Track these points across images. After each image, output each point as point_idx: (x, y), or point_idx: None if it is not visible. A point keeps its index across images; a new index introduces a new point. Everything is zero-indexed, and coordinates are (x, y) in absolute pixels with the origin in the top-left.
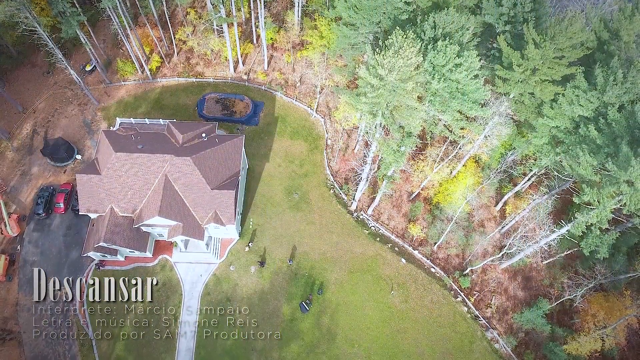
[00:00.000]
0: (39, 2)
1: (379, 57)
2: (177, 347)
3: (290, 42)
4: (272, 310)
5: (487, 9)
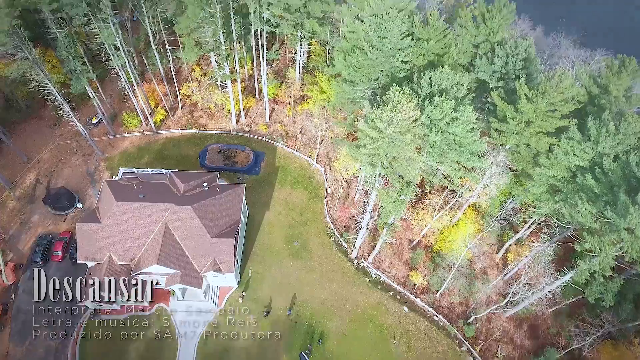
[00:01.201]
0: (51, 60)
1: (377, 111)
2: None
3: (292, 97)
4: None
5: (480, 67)
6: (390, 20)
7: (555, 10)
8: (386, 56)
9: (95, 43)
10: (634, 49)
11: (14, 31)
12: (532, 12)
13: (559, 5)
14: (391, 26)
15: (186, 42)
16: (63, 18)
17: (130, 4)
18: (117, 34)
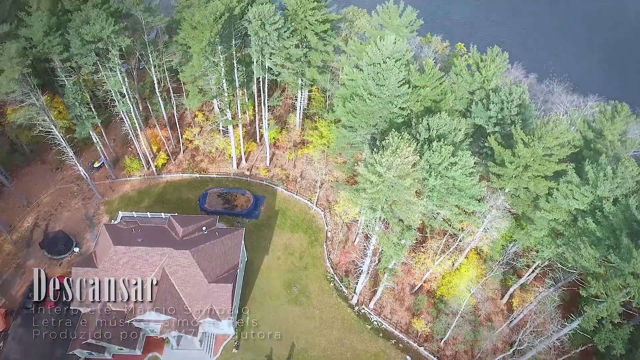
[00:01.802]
0: (57, 106)
1: (377, 156)
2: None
3: (292, 141)
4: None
5: (476, 113)
6: (388, 69)
7: (546, 58)
8: (384, 103)
9: (102, 90)
10: (625, 93)
11: (23, 79)
12: (525, 59)
13: (549, 55)
14: (389, 74)
15: (190, 89)
16: (72, 67)
17: (137, 54)
18: (123, 81)
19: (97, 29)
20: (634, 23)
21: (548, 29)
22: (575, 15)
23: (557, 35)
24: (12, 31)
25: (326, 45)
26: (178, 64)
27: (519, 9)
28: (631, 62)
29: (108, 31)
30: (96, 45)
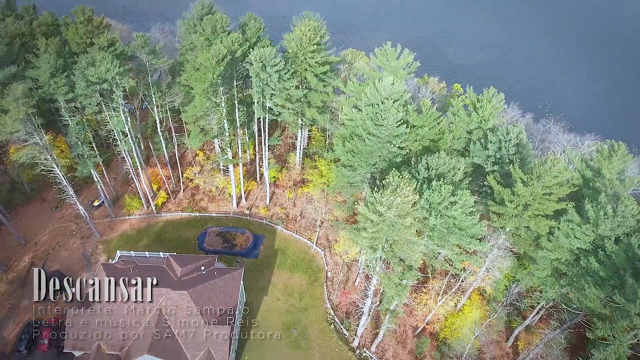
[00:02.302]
0: (60, 145)
1: (377, 195)
2: None
3: (292, 180)
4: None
5: (474, 152)
6: (386, 110)
7: (541, 98)
8: (383, 142)
9: (104, 129)
10: (621, 132)
11: (28, 119)
12: (521, 99)
13: (544, 95)
14: (387, 115)
15: (192, 129)
16: (76, 107)
17: (140, 94)
18: (126, 121)
19: (102, 70)
20: (627, 62)
21: (542, 71)
22: (568, 56)
23: (551, 77)
24: (19, 72)
25: (326, 87)
26: (180, 104)
27: (513, 52)
28: (626, 101)
29: (113, 73)
30: (101, 86)
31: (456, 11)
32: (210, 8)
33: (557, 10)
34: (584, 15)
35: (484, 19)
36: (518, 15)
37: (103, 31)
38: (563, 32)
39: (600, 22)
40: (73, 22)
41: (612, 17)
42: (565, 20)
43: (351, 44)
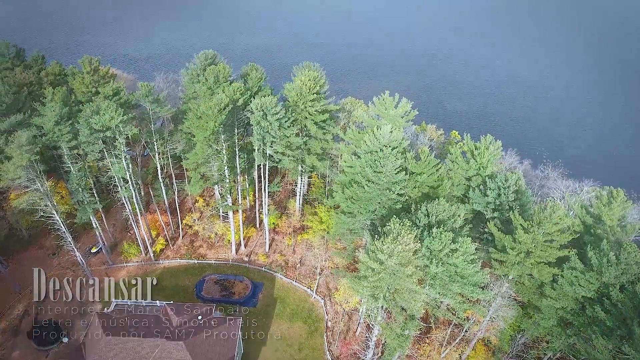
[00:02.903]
0: (61, 191)
1: (378, 243)
2: None
3: (292, 227)
4: None
5: (474, 199)
6: (385, 157)
7: (538, 144)
8: (382, 189)
9: (105, 176)
10: (620, 178)
11: (30, 165)
12: (518, 146)
13: (541, 142)
14: (386, 162)
15: (192, 175)
16: (79, 154)
17: (143, 141)
18: (127, 168)
19: (106, 118)
20: (619, 109)
21: (538, 118)
22: (562, 103)
23: (547, 123)
24: (24, 120)
25: (325, 134)
26: (182, 152)
27: (508, 100)
28: (622, 148)
29: (117, 121)
30: (104, 134)
31: (451, 62)
32: (214, 59)
33: (554, 53)
34: (580, 61)
35: (477, 68)
36: (512, 61)
37: (109, 81)
38: (558, 78)
39: (594, 66)
40: (80, 72)
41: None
42: (559, 64)
43: (350, 92)
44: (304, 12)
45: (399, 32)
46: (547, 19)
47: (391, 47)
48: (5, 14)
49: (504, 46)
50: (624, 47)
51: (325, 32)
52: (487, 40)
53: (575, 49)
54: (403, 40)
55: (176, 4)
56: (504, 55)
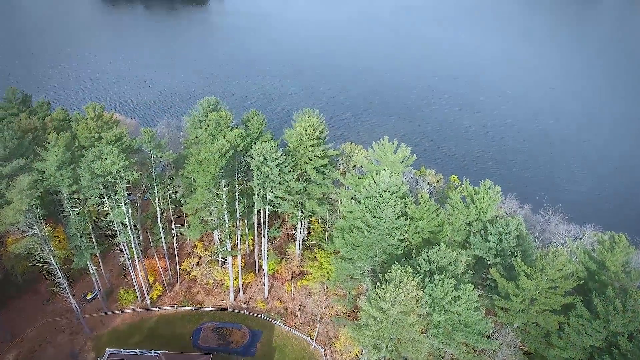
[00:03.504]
0: (59, 236)
1: (380, 290)
2: None
3: (291, 272)
4: None
5: (475, 244)
6: (385, 202)
7: (537, 189)
8: (382, 235)
9: (104, 221)
10: (622, 222)
11: (30, 210)
12: (518, 190)
13: (540, 186)
14: (386, 207)
15: (192, 220)
16: (79, 198)
17: (143, 186)
18: (127, 212)
19: (108, 163)
20: (616, 157)
21: (536, 162)
22: (560, 147)
23: (546, 167)
24: (26, 165)
25: (325, 179)
26: (182, 196)
27: (506, 144)
28: (622, 191)
29: (118, 166)
30: (105, 179)
31: (449, 107)
32: (216, 105)
33: (551, 96)
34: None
35: (474, 112)
36: (508, 105)
37: (112, 126)
38: (555, 121)
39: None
40: (84, 118)
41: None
42: (556, 108)
43: (350, 137)
44: (304, 59)
45: (396, 77)
46: (541, 67)
47: (390, 92)
48: (14, 63)
49: (498, 91)
50: (624, 89)
51: (325, 77)
52: (482, 85)
53: (574, 90)
54: (401, 86)
55: (181, 52)
56: (499, 99)
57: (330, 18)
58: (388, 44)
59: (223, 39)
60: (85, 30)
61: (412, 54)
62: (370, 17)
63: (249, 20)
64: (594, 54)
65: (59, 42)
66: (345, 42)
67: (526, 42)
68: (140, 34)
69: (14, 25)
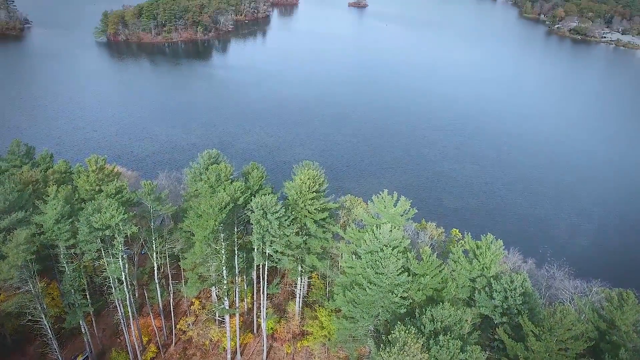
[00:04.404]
0: (52, 292)
1: (384, 354)
2: None
3: (291, 332)
4: None
5: (480, 302)
6: (386, 257)
7: (540, 242)
8: (385, 292)
9: (100, 277)
10: (629, 277)
11: (25, 265)
12: (520, 244)
13: (544, 239)
14: (387, 262)
15: (190, 276)
16: (76, 253)
17: (141, 240)
18: (123, 268)
19: (107, 217)
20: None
21: (536, 214)
22: (559, 200)
23: (547, 220)
24: (25, 218)
25: (325, 233)
26: (180, 251)
27: (504, 197)
28: (626, 245)
29: (117, 219)
30: (103, 233)
31: (447, 160)
32: (217, 158)
33: (549, 148)
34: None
35: (474, 165)
36: (506, 159)
37: (113, 179)
38: (554, 173)
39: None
40: (85, 170)
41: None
42: (555, 162)
43: (349, 190)
44: (303, 111)
45: (395, 128)
46: (541, 117)
47: (389, 143)
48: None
49: (497, 141)
50: (628, 139)
51: (324, 129)
52: (480, 136)
53: (574, 140)
54: (400, 136)
55: (183, 104)
56: (497, 150)
57: (328, 69)
58: (386, 95)
59: (225, 92)
60: (92, 82)
61: (410, 105)
62: (366, 69)
63: (250, 74)
64: (594, 102)
65: (65, 94)
66: (343, 94)
67: (524, 93)
68: (144, 86)
69: (22, 77)
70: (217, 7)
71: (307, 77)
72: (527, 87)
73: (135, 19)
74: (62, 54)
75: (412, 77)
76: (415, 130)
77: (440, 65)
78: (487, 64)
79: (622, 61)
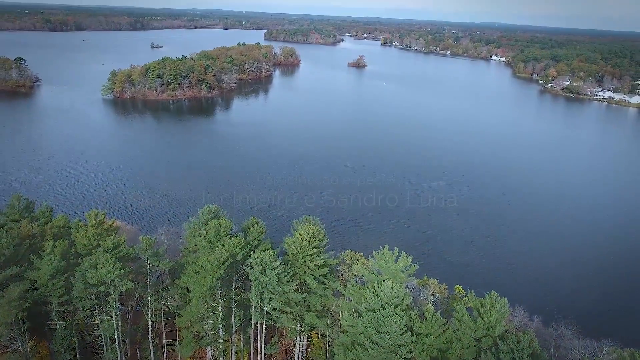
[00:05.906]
0: (41, 351)
1: None
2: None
3: None
4: None
5: None
6: (388, 316)
7: (545, 298)
8: (387, 352)
9: (92, 335)
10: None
11: (15, 322)
12: (526, 301)
13: (548, 294)
14: (390, 321)
15: (185, 335)
16: (68, 310)
17: (137, 296)
18: (117, 326)
19: (102, 273)
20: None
21: (542, 271)
22: (562, 256)
23: (552, 276)
24: (19, 273)
25: (325, 289)
26: (176, 307)
27: (507, 252)
28: (634, 300)
29: (113, 275)
30: (98, 289)
31: (447, 214)
32: (216, 213)
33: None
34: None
35: (474, 219)
36: (504, 210)
37: (111, 234)
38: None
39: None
40: (84, 225)
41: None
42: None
43: (350, 245)
44: (303, 166)
45: (394, 182)
46: (541, 170)
47: (388, 197)
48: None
49: (496, 194)
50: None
51: (324, 183)
52: (482, 193)
53: (576, 191)
54: (399, 190)
55: (184, 159)
56: (497, 203)
57: (329, 124)
58: (386, 149)
59: (226, 148)
60: (95, 137)
61: (410, 159)
62: (366, 123)
63: (251, 130)
64: (594, 155)
65: (67, 148)
66: (343, 148)
67: (523, 148)
68: (147, 141)
69: (28, 132)
70: (222, 67)
71: (308, 133)
72: (525, 141)
73: (141, 78)
74: (68, 110)
75: (411, 132)
76: (415, 184)
77: (439, 119)
78: (486, 119)
79: (616, 117)
